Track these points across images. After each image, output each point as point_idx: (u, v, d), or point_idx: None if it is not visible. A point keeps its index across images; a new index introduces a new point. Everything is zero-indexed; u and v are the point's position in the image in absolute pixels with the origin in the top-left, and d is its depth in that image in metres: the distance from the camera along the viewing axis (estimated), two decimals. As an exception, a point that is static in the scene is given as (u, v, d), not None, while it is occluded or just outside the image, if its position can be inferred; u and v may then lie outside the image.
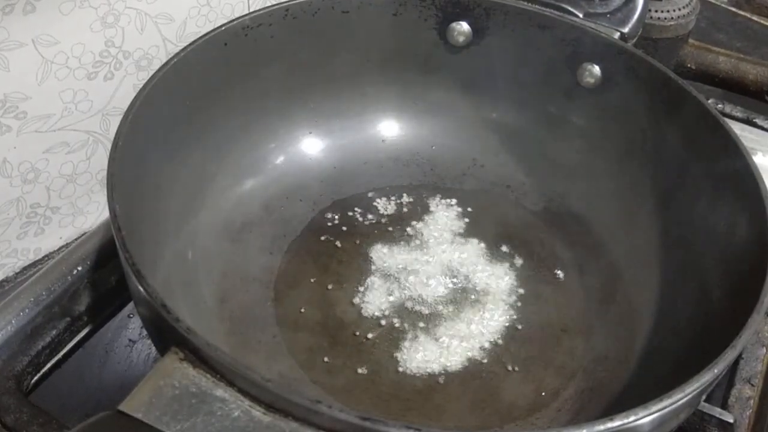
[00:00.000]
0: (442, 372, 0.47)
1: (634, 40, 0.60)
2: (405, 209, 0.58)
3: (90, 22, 0.57)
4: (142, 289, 0.35)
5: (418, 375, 0.47)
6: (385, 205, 0.58)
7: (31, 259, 0.64)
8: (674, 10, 0.71)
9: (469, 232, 0.56)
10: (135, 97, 0.45)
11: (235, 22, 0.52)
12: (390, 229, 0.56)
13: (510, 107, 0.60)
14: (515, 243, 0.56)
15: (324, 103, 0.59)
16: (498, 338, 0.50)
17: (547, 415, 0.46)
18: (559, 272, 0.54)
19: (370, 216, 0.57)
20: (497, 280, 0.53)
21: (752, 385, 0.48)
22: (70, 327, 0.47)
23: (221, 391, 0.33)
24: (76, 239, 0.63)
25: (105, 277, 0.49)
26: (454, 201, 0.58)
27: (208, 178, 0.53)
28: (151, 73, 0.47)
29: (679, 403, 0.35)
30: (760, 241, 0.43)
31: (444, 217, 0.57)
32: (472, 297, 0.52)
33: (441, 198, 0.59)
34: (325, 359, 0.48)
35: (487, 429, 0.45)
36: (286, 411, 0.32)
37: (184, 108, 0.50)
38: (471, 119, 0.62)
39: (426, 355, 0.48)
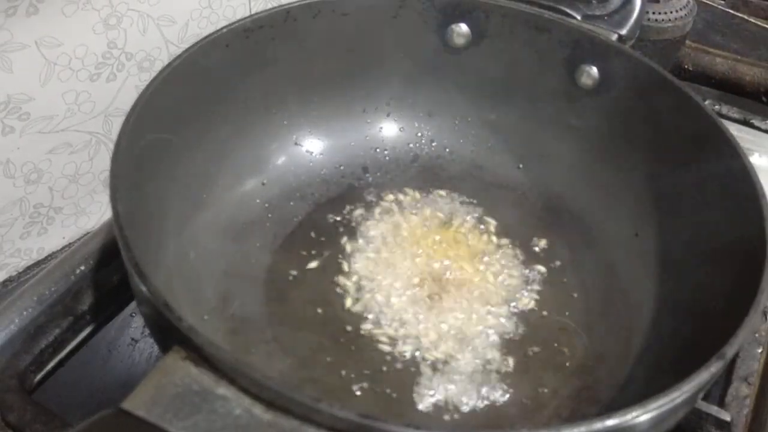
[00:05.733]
0: (441, 368, 0.48)
1: (632, 42, 0.60)
2: (405, 209, 0.58)
3: (92, 24, 0.58)
4: (144, 288, 0.36)
5: (418, 371, 0.47)
6: (386, 205, 0.58)
7: (34, 258, 0.64)
8: (672, 12, 0.71)
9: (468, 232, 0.57)
10: (137, 98, 0.45)
11: (236, 24, 0.53)
12: (391, 229, 0.56)
13: (509, 108, 0.60)
14: (514, 242, 0.56)
15: (324, 104, 0.60)
16: (496, 337, 0.50)
17: (545, 414, 0.46)
18: (557, 271, 0.54)
19: (370, 216, 0.57)
20: (496, 279, 0.53)
21: (749, 383, 0.48)
22: (73, 326, 0.47)
23: (223, 390, 0.33)
24: (78, 239, 0.64)
25: (107, 276, 0.50)
26: (453, 202, 0.59)
27: (210, 178, 0.53)
28: (154, 74, 0.47)
29: (677, 401, 0.35)
30: (757, 241, 0.44)
31: (443, 217, 0.57)
32: (471, 296, 0.52)
33: (441, 198, 0.59)
34: (327, 358, 0.48)
35: (487, 428, 0.45)
36: (287, 409, 0.33)
37: (186, 109, 0.50)
38: (470, 120, 0.62)
39: (424, 352, 0.48)
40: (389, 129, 0.62)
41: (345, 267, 0.53)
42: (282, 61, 0.56)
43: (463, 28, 0.59)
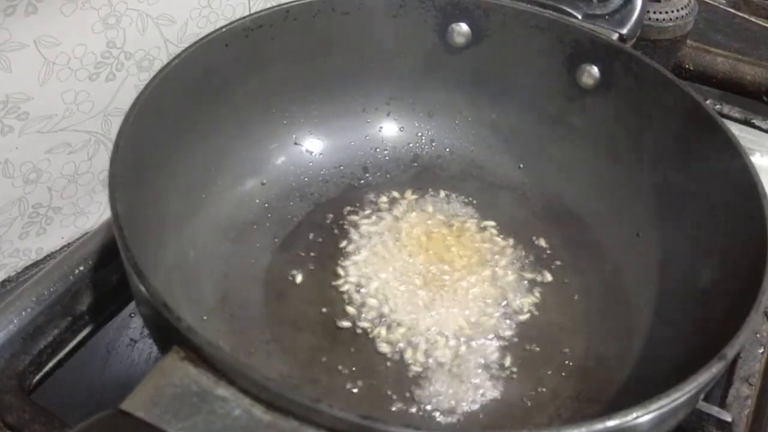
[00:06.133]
0: (441, 368, 0.48)
1: (633, 41, 0.60)
2: (405, 209, 0.58)
3: (91, 23, 0.58)
4: (143, 288, 0.36)
5: (417, 372, 0.47)
6: (385, 205, 0.58)
7: (33, 258, 0.64)
8: (672, 12, 0.71)
9: (469, 231, 0.56)
10: (136, 98, 0.45)
11: (235, 24, 0.53)
12: (390, 229, 0.56)
13: (509, 108, 0.60)
14: (515, 243, 0.56)
15: (324, 104, 0.60)
16: (497, 338, 0.50)
17: (546, 414, 0.46)
18: (558, 272, 0.54)
19: (370, 216, 0.57)
20: (496, 279, 0.53)
21: (750, 384, 0.48)
22: (72, 326, 0.47)
23: (222, 390, 0.33)
24: (77, 239, 0.64)
25: (106, 276, 0.50)
26: (453, 201, 0.59)
27: (209, 178, 0.53)
28: (153, 74, 0.47)
29: (678, 402, 0.35)
30: (758, 241, 0.43)
31: (443, 217, 0.57)
32: (471, 296, 0.52)
33: (441, 198, 0.59)
34: (326, 359, 0.48)
35: (487, 428, 0.45)
36: (287, 410, 0.33)
37: (186, 109, 0.50)
38: (471, 120, 0.62)
39: (424, 352, 0.48)
40: (389, 129, 0.62)
41: (344, 267, 0.53)
42: (282, 61, 0.56)
43: (464, 27, 0.59)
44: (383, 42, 0.59)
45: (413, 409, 0.46)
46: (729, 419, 0.45)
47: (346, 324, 0.50)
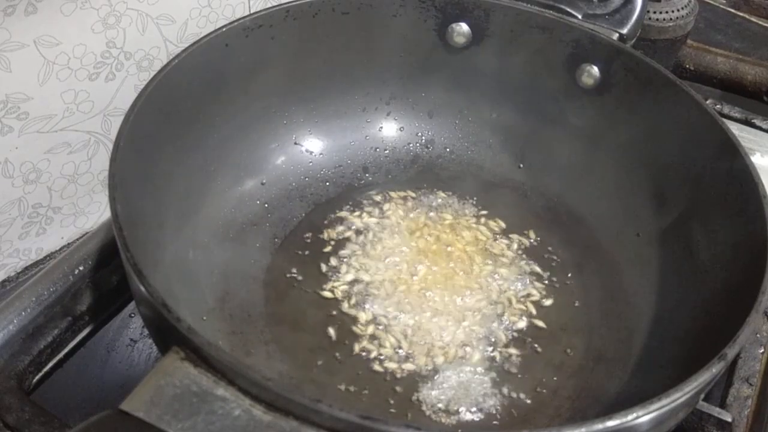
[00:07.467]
0: (441, 369, 0.48)
1: (633, 41, 0.60)
2: (405, 209, 0.58)
3: (91, 23, 0.58)
4: (143, 288, 0.36)
5: (417, 371, 0.47)
6: (385, 205, 0.58)
7: (32, 259, 0.64)
8: (673, 11, 0.71)
9: (469, 231, 0.56)
10: (136, 97, 0.45)
11: (235, 23, 0.53)
12: (391, 229, 0.56)
13: (509, 107, 0.60)
14: (515, 242, 0.56)
15: (324, 104, 0.60)
16: (497, 337, 0.50)
17: (546, 414, 0.46)
18: (558, 272, 0.54)
19: (370, 216, 0.57)
20: (496, 279, 0.53)
21: (750, 384, 0.48)
22: (72, 326, 0.47)
23: (222, 390, 0.33)
24: (77, 239, 0.64)
25: (106, 276, 0.49)
26: (453, 201, 0.59)
27: (209, 178, 0.53)
28: (153, 74, 0.47)
29: (678, 402, 0.35)
30: (758, 241, 0.43)
31: (443, 217, 0.57)
32: (471, 296, 0.52)
33: (440, 198, 0.59)
34: (326, 359, 0.48)
35: (487, 428, 0.45)
36: (287, 410, 0.33)
37: (185, 109, 0.50)
38: (471, 119, 0.62)
39: (424, 352, 0.48)
40: (389, 129, 0.62)
41: (344, 267, 0.53)
42: (282, 61, 0.56)
43: (464, 27, 0.59)
44: (383, 42, 0.59)
45: (413, 409, 0.46)
46: (729, 419, 0.45)
47: (346, 324, 0.50)
